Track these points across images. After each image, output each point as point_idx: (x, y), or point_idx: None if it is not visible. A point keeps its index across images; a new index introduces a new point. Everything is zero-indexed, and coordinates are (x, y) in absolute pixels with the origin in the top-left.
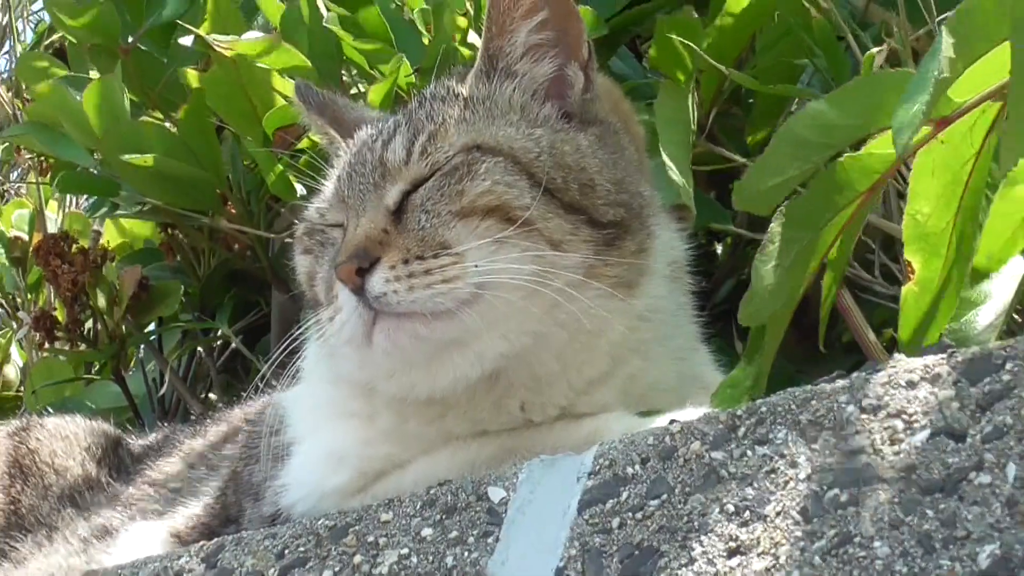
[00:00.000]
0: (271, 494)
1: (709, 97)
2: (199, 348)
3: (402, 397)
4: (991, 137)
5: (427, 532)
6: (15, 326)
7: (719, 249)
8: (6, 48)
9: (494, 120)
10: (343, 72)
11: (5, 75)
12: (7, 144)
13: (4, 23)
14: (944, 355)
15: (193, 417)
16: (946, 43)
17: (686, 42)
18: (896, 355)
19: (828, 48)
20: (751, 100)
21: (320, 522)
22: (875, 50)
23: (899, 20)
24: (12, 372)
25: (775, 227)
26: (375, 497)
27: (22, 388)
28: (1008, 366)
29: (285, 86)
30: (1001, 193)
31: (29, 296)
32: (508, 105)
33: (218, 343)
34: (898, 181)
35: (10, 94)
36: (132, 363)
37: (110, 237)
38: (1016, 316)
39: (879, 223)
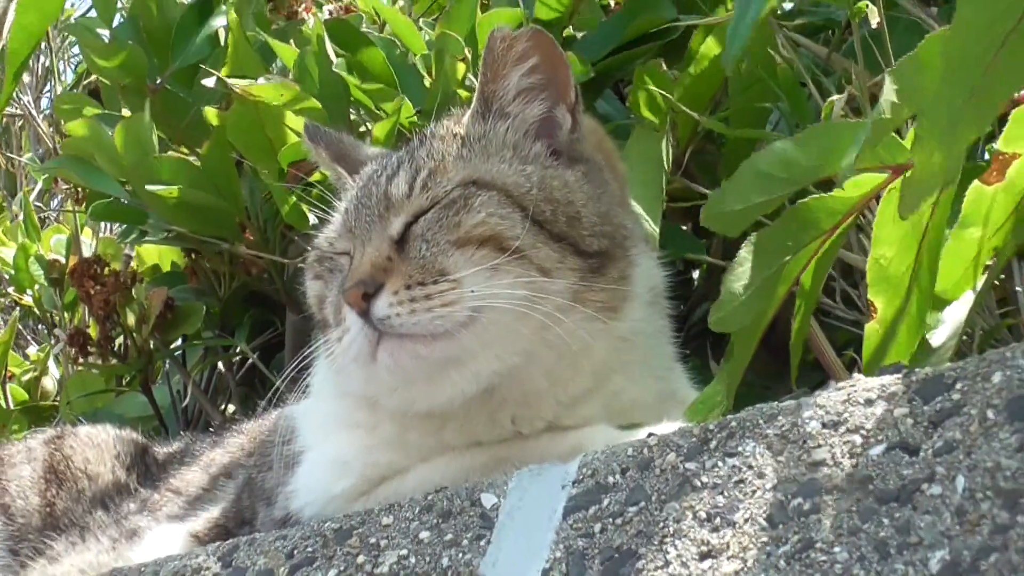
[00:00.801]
0: (282, 499)
1: (685, 137)
2: (219, 363)
3: (403, 410)
4: (948, 188)
5: (425, 535)
6: (53, 342)
7: (695, 276)
8: (48, 88)
9: (489, 157)
10: (352, 111)
11: (47, 112)
12: (47, 176)
13: (46, 65)
14: (899, 375)
15: (212, 428)
16: (889, 89)
17: (659, 90)
18: (855, 375)
19: (791, 94)
20: (724, 139)
21: (327, 525)
22: (835, 97)
23: (857, 68)
24: (50, 384)
25: (744, 253)
26: (377, 502)
27: (58, 399)
28: (958, 386)
29: (298, 124)
30: (954, 234)
31: (66, 315)
32: (502, 143)
33: (237, 359)
34: (859, 217)
35: (51, 130)
36: (159, 376)
37: (140, 261)
38: (966, 337)
39: (841, 255)
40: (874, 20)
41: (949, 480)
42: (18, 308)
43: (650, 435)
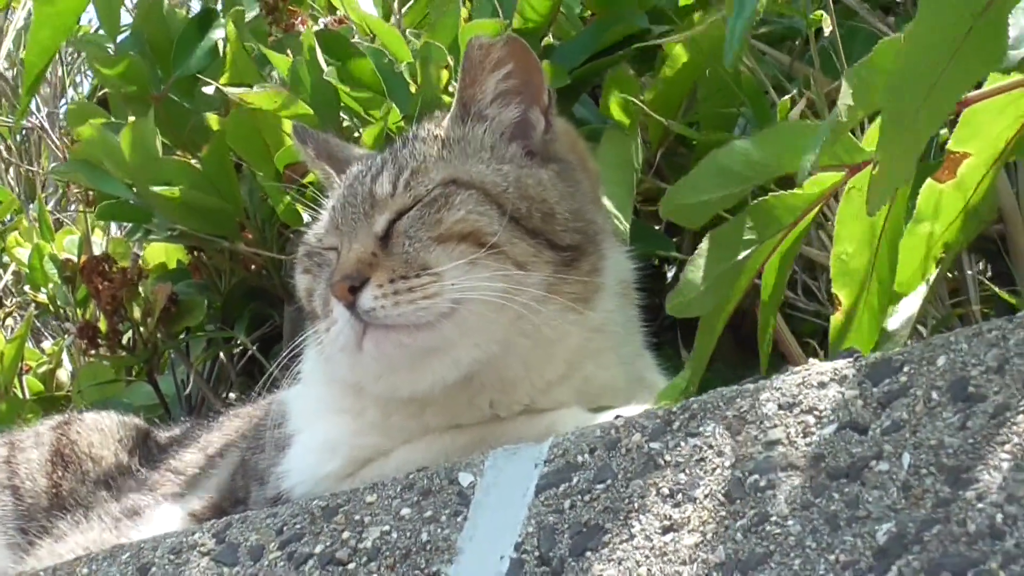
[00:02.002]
0: (274, 479)
1: (656, 140)
2: (221, 354)
3: (387, 396)
4: (904, 185)
5: (406, 511)
6: (66, 336)
7: (668, 271)
8: (64, 101)
9: (468, 158)
10: (344, 116)
11: (63, 124)
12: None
13: (62, 77)
14: (851, 359)
15: (210, 413)
16: (845, 92)
17: (627, 96)
18: (811, 360)
19: (754, 99)
20: (695, 142)
21: (314, 503)
22: (787, 97)
23: (816, 73)
24: (64, 375)
25: (704, 245)
26: (363, 481)
27: (71, 389)
28: (905, 368)
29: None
30: (909, 230)
31: (78, 310)
32: (480, 145)
33: (237, 350)
34: (818, 215)
35: (68, 139)
36: (164, 367)
37: (148, 259)
38: (920, 327)
39: (803, 250)
40: (827, 28)
41: (896, 457)
42: (33, 305)
43: (617, 417)
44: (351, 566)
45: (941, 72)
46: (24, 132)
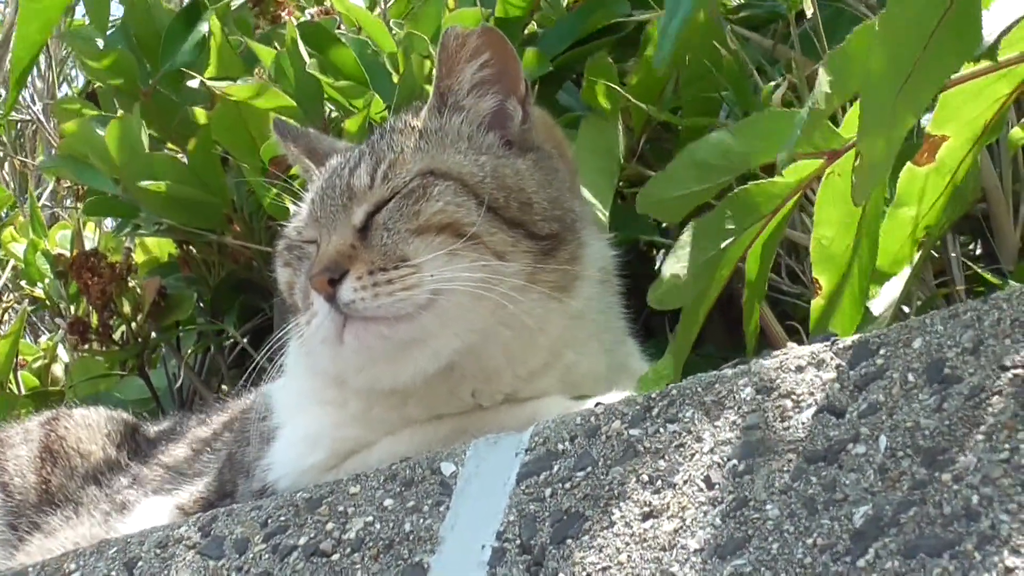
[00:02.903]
0: (259, 472)
1: (639, 126)
2: (212, 347)
3: (369, 388)
4: None
5: (389, 502)
6: (59, 331)
7: (658, 258)
8: (60, 94)
9: (445, 149)
10: (330, 107)
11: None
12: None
13: (58, 73)
14: (827, 343)
15: (200, 407)
16: (823, 80)
17: (608, 83)
18: (789, 343)
19: (736, 84)
20: (678, 127)
21: (298, 495)
22: (772, 84)
23: (797, 57)
24: (59, 370)
25: (686, 236)
26: (346, 473)
27: (65, 384)
28: (881, 351)
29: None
30: (889, 214)
31: (70, 305)
32: (457, 135)
33: (228, 343)
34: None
35: (58, 134)
36: (156, 361)
37: (139, 253)
38: (906, 308)
39: (785, 233)
40: (809, 11)
41: (872, 440)
42: (27, 300)
43: (597, 404)
44: (335, 557)
45: (916, 62)
46: (19, 126)
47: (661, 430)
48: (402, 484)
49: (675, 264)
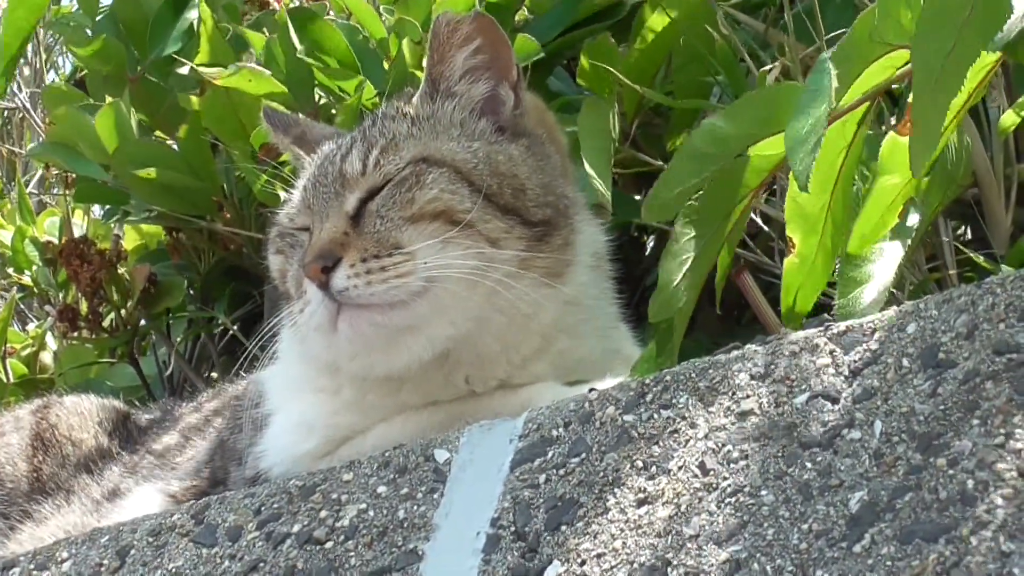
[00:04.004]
0: (252, 459)
1: (632, 109)
2: (202, 334)
3: (363, 375)
4: (861, 129)
5: (382, 489)
6: (49, 319)
7: (648, 241)
8: (48, 81)
9: (438, 135)
10: (320, 94)
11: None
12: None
13: (46, 60)
14: (822, 328)
15: (191, 395)
16: (832, 75)
17: (604, 65)
18: (782, 329)
19: (728, 68)
20: (670, 111)
21: (291, 482)
22: (767, 68)
23: (789, 40)
24: (48, 358)
25: (678, 228)
26: (340, 460)
27: (54, 372)
28: (876, 336)
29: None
30: (873, 183)
31: (59, 293)
32: (449, 122)
33: (218, 330)
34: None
35: (47, 121)
36: (146, 348)
37: (128, 240)
38: (896, 292)
39: (778, 216)
40: None
41: (867, 425)
42: (15, 288)
43: (591, 390)
44: (329, 544)
45: (959, 33)
46: (5, 114)
47: (655, 416)
48: (396, 471)
49: (673, 261)
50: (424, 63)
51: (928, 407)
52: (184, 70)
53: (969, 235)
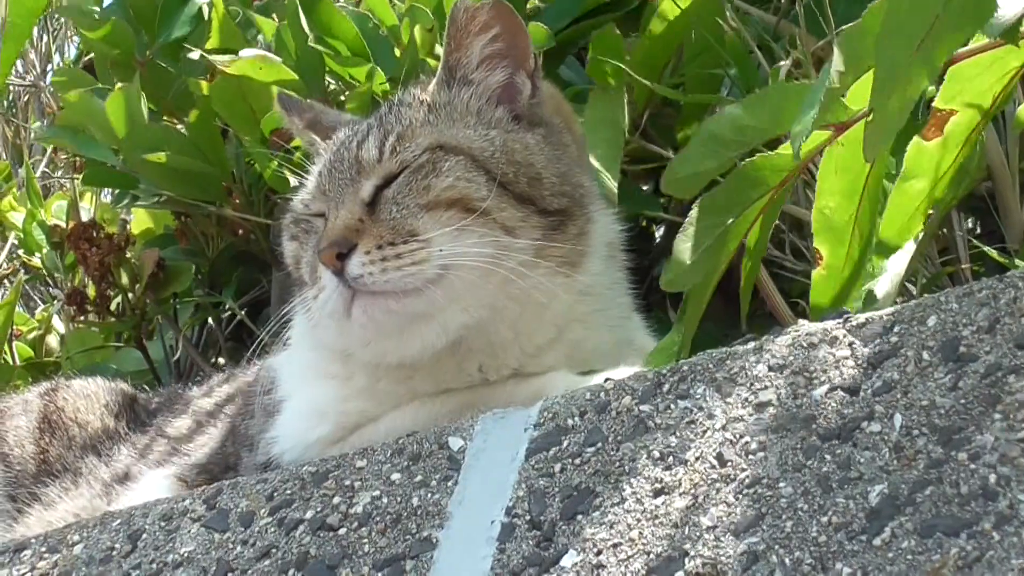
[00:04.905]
0: (263, 445)
1: (642, 101)
2: (209, 319)
3: (376, 362)
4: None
5: (396, 476)
6: (56, 302)
7: (657, 233)
8: (51, 66)
9: (454, 123)
10: (330, 81)
11: (51, 89)
12: (51, 144)
13: (51, 44)
14: (840, 320)
15: (199, 379)
16: (837, 59)
17: (609, 59)
18: (800, 321)
19: (739, 61)
20: (681, 103)
21: (304, 468)
22: (781, 63)
23: (801, 33)
24: (54, 341)
25: (695, 213)
26: (352, 447)
27: (60, 355)
28: (895, 329)
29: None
30: (897, 187)
31: (67, 276)
32: (466, 109)
33: (226, 315)
34: (805, 173)
35: (56, 104)
36: (153, 332)
37: (136, 224)
38: (909, 286)
39: (789, 209)
40: None
41: (887, 418)
42: (23, 270)
43: (607, 380)
44: (342, 531)
45: (931, 24)
46: (11, 97)
47: (672, 406)
48: (409, 458)
49: (686, 243)
50: (437, 50)
51: (949, 400)
52: (194, 55)
53: (978, 229)
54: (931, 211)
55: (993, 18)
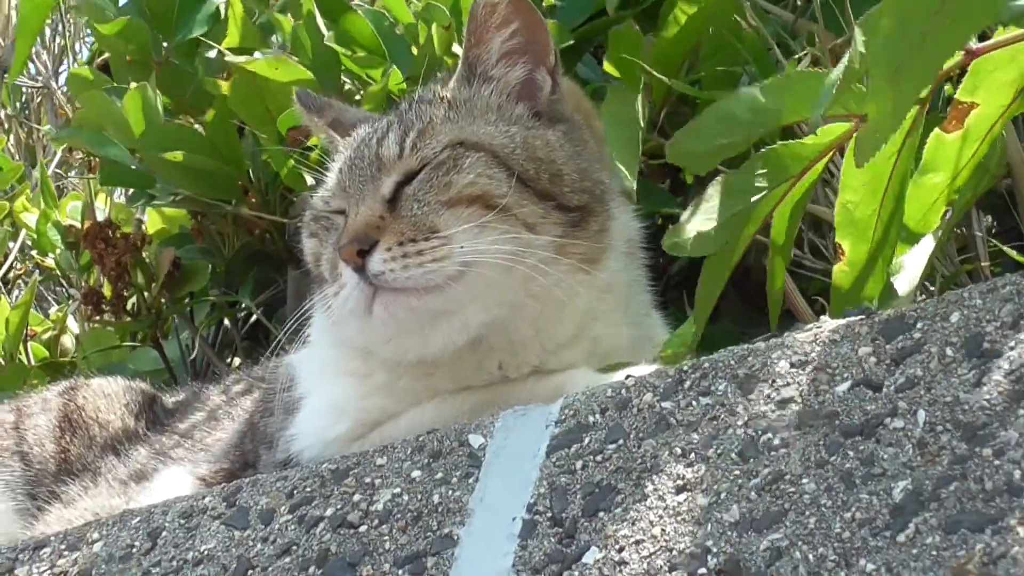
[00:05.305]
0: (283, 442)
1: (660, 98)
2: (225, 319)
3: (397, 360)
4: (912, 135)
5: (416, 474)
6: (71, 302)
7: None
8: (64, 66)
9: (475, 119)
10: (345, 80)
11: (64, 89)
12: (64, 145)
13: (63, 44)
14: (863, 316)
15: (217, 378)
16: (859, 39)
17: (628, 57)
18: (822, 317)
19: (758, 58)
20: (698, 100)
21: (324, 466)
22: (796, 56)
23: (819, 29)
24: (68, 341)
25: (712, 190)
26: (372, 444)
27: (76, 355)
28: (919, 325)
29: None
30: (915, 181)
31: (82, 276)
32: (486, 106)
33: (242, 314)
34: (825, 171)
35: (69, 105)
36: (169, 332)
37: (151, 224)
38: (928, 284)
39: (808, 207)
40: None
41: (911, 414)
42: (38, 271)
43: (628, 377)
44: (363, 528)
45: (932, 23)
46: (24, 98)
47: (694, 403)
48: (430, 456)
49: (698, 216)
50: (454, 49)
51: (973, 397)
52: (211, 53)
53: (996, 228)
54: (949, 208)
55: (1007, 3)
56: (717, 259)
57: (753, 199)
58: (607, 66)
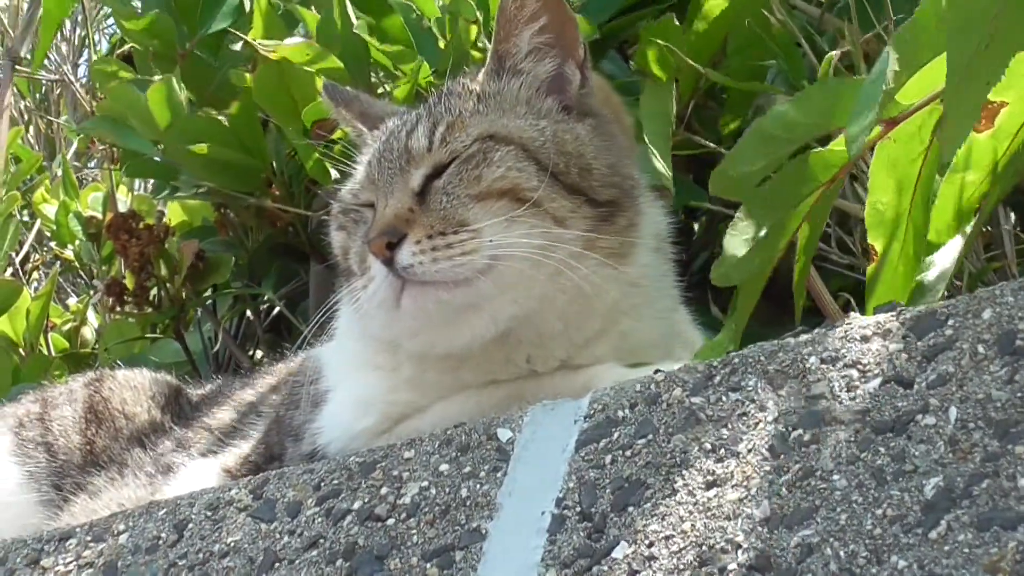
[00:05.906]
0: (309, 435)
1: (687, 93)
2: (248, 311)
3: (424, 353)
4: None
5: (444, 467)
6: (91, 293)
7: (696, 226)
8: (83, 57)
9: (504, 113)
10: (371, 72)
11: (84, 80)
12: (83, 136)
13: (83, 35)
14: (894, 313)
15: (242, 371)
16: (891, 58)
17: (668, 44)
18: (852, 314)
19: (787, 52)
20: (724, 95)
21: (351, 459)
22: (832, 53)
23: (851, 26)
24: (88, 333)
25: (745, 208)
26: (399, 437)
27: (96, 347)
28: (950, 322)
29: (321, 84)
30: (945, 179)
31: (103, 267)
32: (515, 99)
33: (264, 307)
34: (853, 167)
35: (88, 96)
36: (191, 324)
37: (172, 216)
38: (956, 281)
39: (836, 203)
40: None
41: (942, 411)
42: (58, 262)
43: (657, 372)
44: (390, 522)
45: (993, 24)
46: (44, 89)
47: (723, 398)
48: (458, 449)
49: (736, 238)
50: (481, 43)
51: (1005, 394)
52: (237, 46)
53: (1014, 225)
54: (981, 203)
55: None
56: (750, 279)
57: (782, 215)
58: (638, 60)
